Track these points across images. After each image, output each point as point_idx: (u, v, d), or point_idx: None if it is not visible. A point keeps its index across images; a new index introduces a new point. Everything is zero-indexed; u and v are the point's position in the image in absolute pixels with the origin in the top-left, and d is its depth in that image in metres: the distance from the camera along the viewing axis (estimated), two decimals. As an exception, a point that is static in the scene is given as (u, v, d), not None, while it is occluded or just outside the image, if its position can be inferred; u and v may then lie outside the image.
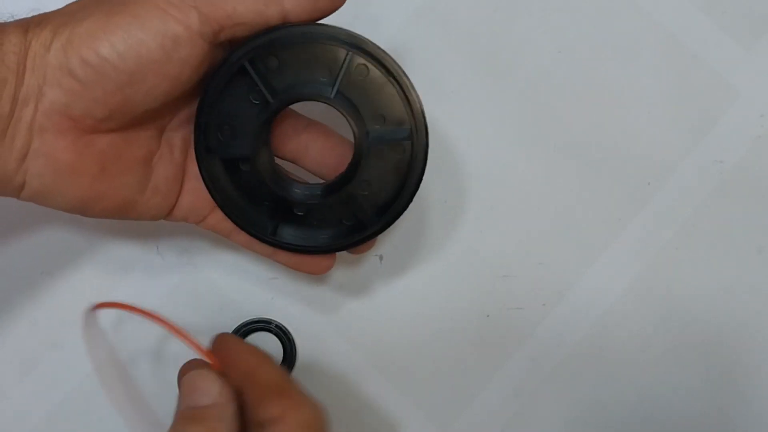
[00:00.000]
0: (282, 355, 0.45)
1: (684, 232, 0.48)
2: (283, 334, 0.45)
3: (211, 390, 0.33)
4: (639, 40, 0.49)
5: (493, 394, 0.46)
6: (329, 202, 0.38)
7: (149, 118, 0.36)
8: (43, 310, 0.44)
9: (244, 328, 0.44)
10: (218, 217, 0.39)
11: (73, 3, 0.35)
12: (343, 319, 0.46)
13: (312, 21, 0.35)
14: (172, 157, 0.38)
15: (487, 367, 0.46)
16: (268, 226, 0.38)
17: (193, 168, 0.38)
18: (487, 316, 0.46)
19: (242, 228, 0.38)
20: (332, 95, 0.36)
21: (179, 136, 0.39)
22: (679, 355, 0.47)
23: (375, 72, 0.36)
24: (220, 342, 0.36)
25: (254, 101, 0.36)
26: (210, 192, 0.37)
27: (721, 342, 0.47)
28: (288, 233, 0.38)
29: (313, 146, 0.40)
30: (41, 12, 0.35)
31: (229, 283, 0.45)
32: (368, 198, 0.37)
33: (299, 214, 0.38)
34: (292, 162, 0.40)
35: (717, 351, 0.47)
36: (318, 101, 0.37)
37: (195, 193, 0.39)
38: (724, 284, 0.47)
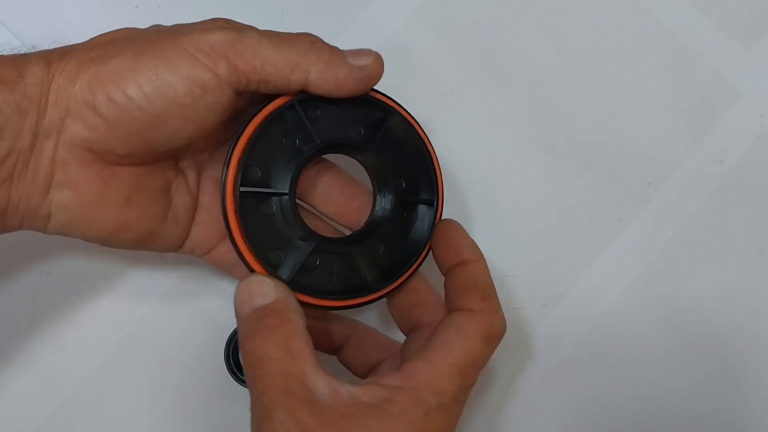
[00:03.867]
0: None
1: (684, 232, 0.48)
2: None
3: (267, 290, 0.34)
4: (639, 40, 0.49)
5: (493, 394, 0.46)
6: (343, 256, 0.37)
7: (168, 154, 0.37)
8: (43, 310, 0.44)
9: None
10: (222, 251, 0.39)
11: (97, 37, 0.35)
12: (343, 319, 0.46)
13: (333, 97, 0.35)
14: (188, 187, 0.38)
15: (487, 367, 0.46)
16: (285, 270, 0.36)
17: (204, 200, 0.39)
18: (487, 316, 0.46)
19: (258, 264, 0.36)
20: (368, 151, 0.37)
21: (194, 167, 0.39)
22: (678, 355, 0.47)
23: (406, 139, 0.38)
24: (447, 225, 0.38)
25: (287, 145, 0.36)
26: (238, 225, 0.35)
27: (721, 342, 0.47)
28: (299, 282, 0.37)
29: (322, 182, 0.40)
30: (62, 44, 0.34)
31: (228, 282, 0.45)
32: (378, 258, 0.38)
33: (311, 264, 0.37)
34: (300, 199, 0.40)
35: (717, 351, 0.47)
36: (351, 155, 0.38)
37: (204, 225, 0.39)
38: (724, 284, 0.47)
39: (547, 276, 0.47)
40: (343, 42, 0.47)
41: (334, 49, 0.35)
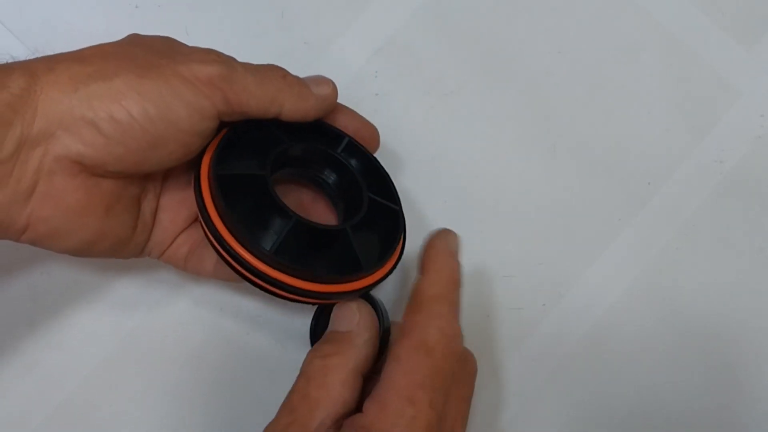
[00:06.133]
0: None
1: (684, 232, 0.48)
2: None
3: (351, 319, 0.37)
4: (639, 40, 0.49)
5: (493, 394, 0.46)
6: (330, 234, 0.38)
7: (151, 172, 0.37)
8: (43, 310, 0.44)
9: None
10: (174, 248, 0.40)
11: (87, 50, 0.35)
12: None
13: (300, 121, 0.39)
14: (155, 193, 0.39)
15: (488, 367, 0.46)
16: (266, 242, 0.36)
17: (161, 202, 0.39)
18: (487, 316, 0.46)
19: (239, 246, 0.35)
20: (338, 157, 0.41)
21: (158, 173, 0.39)
22: (678, 355, 0.47)
23: (367, 153, 0.41)
24: (435, 235, 0.40)
25: (263, 137, 0.38)
26: (222, 205, 0.35)
27: (721, 341, 0.47)
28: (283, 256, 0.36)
29: (288, 200, 0.41)
30: (42, 53, 0.34)
31: (228, 284, 0.45)
32: (363, 238, 0.38)
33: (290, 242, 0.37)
34: None
35: (717, 350, 0.47)
36: (316, 170, 0.41)
37: (161, 225, 0.39)
38: (724, 284, 0.47)
39: (547, 276, 0.47)
40: (344, 42, 0.47)
41: (301, 82, 0.38)
